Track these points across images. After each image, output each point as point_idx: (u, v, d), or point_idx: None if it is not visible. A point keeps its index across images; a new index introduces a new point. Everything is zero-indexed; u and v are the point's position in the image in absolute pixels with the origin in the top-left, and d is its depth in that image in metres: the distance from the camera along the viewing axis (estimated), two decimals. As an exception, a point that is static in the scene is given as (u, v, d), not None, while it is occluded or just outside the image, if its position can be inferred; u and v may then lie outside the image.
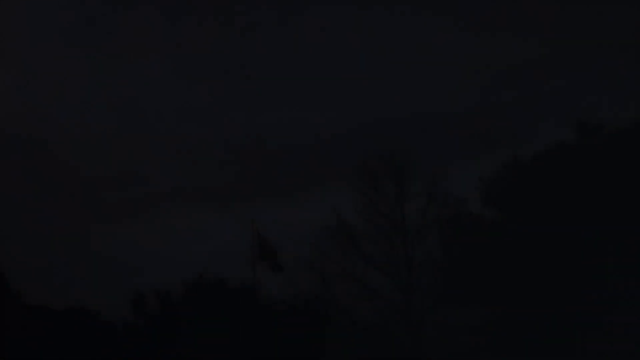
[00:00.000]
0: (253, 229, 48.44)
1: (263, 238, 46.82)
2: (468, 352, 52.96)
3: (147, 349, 55.08)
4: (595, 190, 51.38)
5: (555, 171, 52.66)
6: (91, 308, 58.87)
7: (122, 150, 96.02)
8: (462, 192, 55.23)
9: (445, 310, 53.58)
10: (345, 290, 54.68)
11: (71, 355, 54.38)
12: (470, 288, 52.91)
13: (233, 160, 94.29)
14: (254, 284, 50.21)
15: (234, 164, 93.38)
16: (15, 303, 55.98)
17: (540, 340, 50.27)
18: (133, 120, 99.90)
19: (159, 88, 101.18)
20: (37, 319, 55.60)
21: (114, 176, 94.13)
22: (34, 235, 79.79)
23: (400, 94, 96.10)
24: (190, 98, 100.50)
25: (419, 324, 53.90)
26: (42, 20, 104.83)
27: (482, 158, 66.80)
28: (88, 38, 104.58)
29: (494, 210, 55.29)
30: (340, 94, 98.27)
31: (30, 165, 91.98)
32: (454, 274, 53.94)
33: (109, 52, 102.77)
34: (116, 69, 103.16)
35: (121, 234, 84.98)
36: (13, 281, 56.56)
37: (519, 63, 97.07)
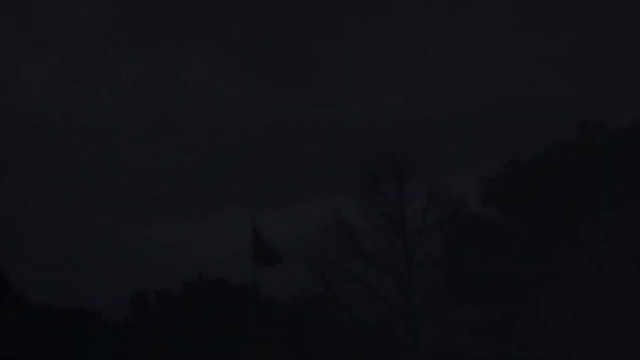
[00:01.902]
0: (252, 229, 48.42)
1: (260, 237, 46.79)
2: (468, 351, 53.01)
3: (147, 348, 55.16)
4: (595, 189, 51.36)
5: (555, 171, 52.63)
6: (92, 308, 59.06)
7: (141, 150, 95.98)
8: (462, 192, 55.33)
9: (445, 310, 53.61)
10: (345, 290, 54.72)
11: (72, 354, 54.47)
12: (470, 288, 52.90)
13: (236, 159, 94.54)
14: (255, 284, 50.21)
15: (237, 163, 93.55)
16: (17, 302, 56.10)
17: (540, 339, 50.27)
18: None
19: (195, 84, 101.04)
20: (39, 319, 55.72)
21: (131, 176, 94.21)
22: (35, 235, 79.97)
23: (400, 94, 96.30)
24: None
25: (419, 324, 53.94)
26: (81, 13, 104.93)
27: (482, 158, 66.88)
28: (127, 33, 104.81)
29: (493, 210, 55.26)
30: (341, 93, 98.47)
31: (44, 163, 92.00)
32: (454, 273, 53.94)
33: (147, 46, 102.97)
34: (154, 63, 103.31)
35: (123, 234, 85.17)
36: (15, 281, 56.71)
37: (519, 63, 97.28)
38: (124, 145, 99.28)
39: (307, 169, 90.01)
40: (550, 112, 79.61)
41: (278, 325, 53.66)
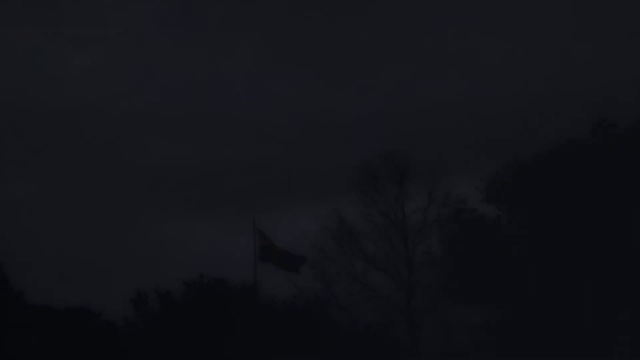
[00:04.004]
0: (254, 230, 48.33)
1: (266, 237, 46.65)
2: (468, 351, 53.03)
3: (148, 348, 55.12)
4: (596, 189, 51.31)
5: (555, 170, 52.59)
6: (92, 308, 58.98)
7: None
8: (463, 192, 55.32)
9: (445, 310, 53.65)
10: (346, 290, 54.78)
11: (72, 354, 54.42)
12: (471, 287, 52.94)
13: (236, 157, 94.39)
14: (255, 284, 50.17)
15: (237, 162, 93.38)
16: (16, 302, 56.07)
17: (540, 338, 50.24)
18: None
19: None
20: (39, 319, 55.68)
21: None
22: (35, 234, 79.84)
23: (401, 93, 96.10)
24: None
25: (419, 324, 53.97)
26: (130, 4, 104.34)
27: (483, 157, 66.67)
28: (180, 19, 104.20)
29: (495, 209, 55.26)
30: (342, 93, 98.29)
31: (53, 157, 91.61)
32: (454, 273, 53.96)
33: (199, 34, 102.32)
34: (204, 50, 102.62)
35: (126, 234, 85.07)
36: (15, 281, 56.71)
37: (521, 62, 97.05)
38: (141, 140, 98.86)
39: (307, 169, 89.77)
40: (552, 111, 79.38)
41: (278, 325, 53.55)
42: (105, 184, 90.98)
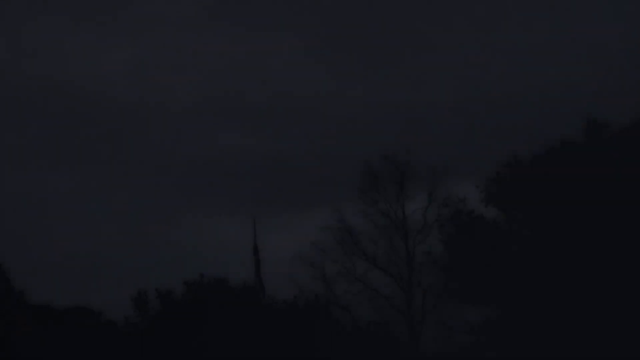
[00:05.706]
0: (254, 231, 48.49)
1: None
2: (468, 350, 53.05)
3: (148, 348, 55.24)
4: (595, 189, 51.31)
5: (555, 170, 52.58)
6: (93, 307, 59.15)
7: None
8: (463, 192, 55.35)
9: (445, 310, 53.67)
10: (346, 290, 54.81)
11: (73, 353, 54.56)
12: (471, 287, 52.93)
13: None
14: (256, 284, 50.35)
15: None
16: (18, 302, 56.22)
17: (540, 338, 50.27)
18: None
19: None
20: (40, 318, 55.83)
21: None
22: (36, 234, 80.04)
23: (401, 93, 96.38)
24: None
25: (419, 323, 54.02)
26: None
27: (483, 157, 66.81)
28: (225, 14, 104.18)
29: (494, 209, 55.24)
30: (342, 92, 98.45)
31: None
32: (454, 273, 53.97)
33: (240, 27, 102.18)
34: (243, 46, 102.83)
35: (126, 234, 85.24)
36: (16, 280, 56.84)
37: (522, 62, 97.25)
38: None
39: (308, 168, 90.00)
40: (552, 110, 79.55)
41: (279, 325, 53.67)
42: (115, 183, 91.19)
